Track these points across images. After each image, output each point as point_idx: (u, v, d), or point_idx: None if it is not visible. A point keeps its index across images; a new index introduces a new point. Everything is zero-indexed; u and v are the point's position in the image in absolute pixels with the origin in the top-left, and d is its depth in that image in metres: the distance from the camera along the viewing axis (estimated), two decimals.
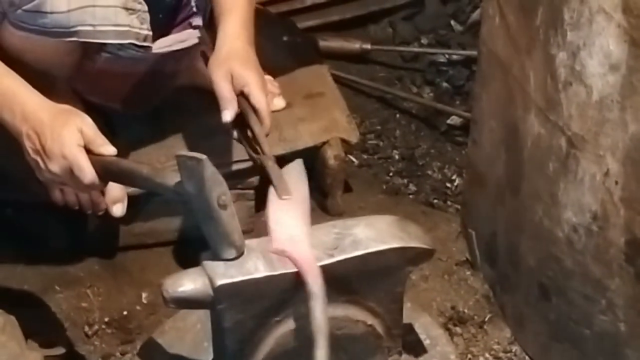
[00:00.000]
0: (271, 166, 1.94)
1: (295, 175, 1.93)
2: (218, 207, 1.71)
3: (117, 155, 1.89)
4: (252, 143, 2.05)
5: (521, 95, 2.11)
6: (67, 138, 1.88)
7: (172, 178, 1.75)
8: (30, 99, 1.95)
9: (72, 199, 2.27)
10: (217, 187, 1.70)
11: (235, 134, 2.13)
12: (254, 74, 2.11)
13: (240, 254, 1.76)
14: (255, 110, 2.08)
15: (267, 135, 2.07)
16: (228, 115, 2.08)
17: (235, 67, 2.11)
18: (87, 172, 1.86)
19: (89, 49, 2.15)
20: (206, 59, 2.22)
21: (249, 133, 2.07)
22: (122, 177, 1.89)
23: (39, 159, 1.92)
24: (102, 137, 1.91)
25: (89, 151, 1.88)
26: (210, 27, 2.30)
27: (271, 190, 1.89)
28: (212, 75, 2.12)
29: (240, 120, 2.09)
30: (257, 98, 2.09)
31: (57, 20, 2.02)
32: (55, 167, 1.89)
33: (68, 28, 2.03)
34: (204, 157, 1.68)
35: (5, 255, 2.39)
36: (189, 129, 2.45)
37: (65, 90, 2.23)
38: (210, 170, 1.69)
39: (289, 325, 1.82)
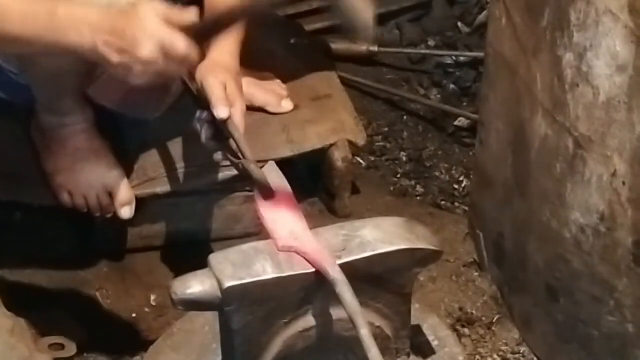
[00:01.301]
0: (253, 169, 1.92)
1: (275, 176, 1.92)
2: None
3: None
4: (231, 149, 2.02)
5: (528, 96, 2.11)
6: (146, 18, 1.79)
7: None
8: (91, 11, 1.85)
9: (80, 202, 2.27)
10: None
11: (212, 144, 2.09)
12: (240, 98, 2.06)
13: None
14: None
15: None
16: (224, 111, 1.99)
17: (229, 83, 2.05)
18: (181, 41, 1.78)
19: None
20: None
21: (231, 140, 2.04)
22: (216, 26, 1.84)
23: (126, 57, 1.81)
24: (175, 9, 1.83)
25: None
26: None
27: (257, 193, 1.88)
28: (208, 75, 2.05)
29: (217, 129, 2.05)
30: (238, 124, 2.02)
31: None
32: (145, 51, 1.79)
33: None
34: None
35: (14, 258, 2.39)
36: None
37: (76, 95, 2.22)
38: None
39: (297, 327, 1.82)
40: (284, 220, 1.83)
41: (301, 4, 3.21)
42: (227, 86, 2.05)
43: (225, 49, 2.14)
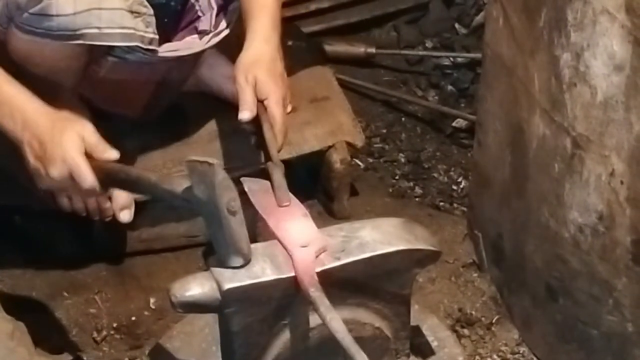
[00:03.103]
0: (276, 174, 1.94)
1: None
2: (227, 213, 1.70)
3: (123, 162, 1.89)
4: (266, 148, 2.05)
5: (526, 96, 2.11)
6: (67, 143, 1.88)
7: (179, 184, 1.74)
8: (30, 106, 1.95)
9: (79, 205, 2.27)
10: (227, 193, 1.69)
11: (252, 139, 2.13)
12: (276, 88, 2.11)
13: (246, 262, 1.75)
14: (270, 124, 2.09)
15: (279, 150, 2.07)
16: (247, 114, 2.07)
17: (260, 75, 2.10)
18: (87, 177, 1.87)
19: (95, 52, 2.15)
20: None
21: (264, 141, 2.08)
22: (128, 184, 1.89)
23: (39, 166, 1.92)
24: (104, 142, 1.91)
25: (90, 157, 1.89)
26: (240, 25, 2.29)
27: (262, 201, 1.89)
28: (238, 76, 2.12)
29: (257, 126, 2.09)
30: (274, 114, 2.08)
31: (63, 23, 2.02)
32: (55, 172, 1.89)
33: (74, 31, 2.03)
34: (215, 161, 1.67)
35: (14, 262, 2.39)
36: (194, 135, 2.46)
37: (71, 97, 2.23)
38: (221, 176, 1.68)
39: (296, 328, 1.82)
40: (295, 229, 1.83)
41: (298, 7, 3.21)
42: (258, 81, 2.08)
43: (258, 35, 2.16)
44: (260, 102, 2.10)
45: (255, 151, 2.15)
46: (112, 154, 1.90)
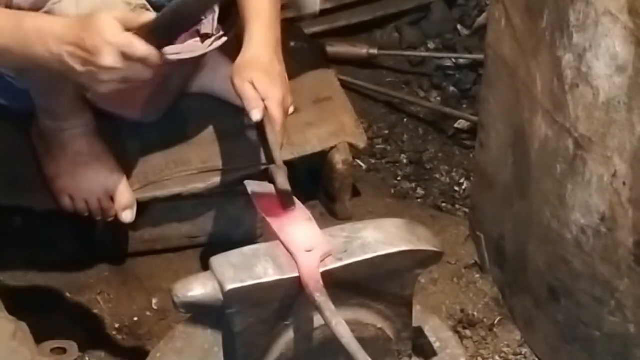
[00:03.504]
0: (280, 177, 1.93)
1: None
2: None
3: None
4: (269, 150, 2.05)
5: (528, 97, 2.11)
6: (105, 27, 1.81)
7: None
8: (55, 22, 1.88)
9: (81, 205, 2.27)
10: None
11: (254, 135, 2.12)
12: (274, 88, 2.09)
13: None
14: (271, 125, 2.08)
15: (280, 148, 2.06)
16: (258, 113, 2.04)
17: (256, 77, 2.09)
18: (140, 46, 1.80)
19: None
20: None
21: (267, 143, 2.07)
22: (175, 23, 1.84)
23: (90, 67, 1.84)
24: (131, 13, 1.85)
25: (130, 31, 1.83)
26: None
27: (266, 205, 1.89)
28: (234, 80, 2.10)
29: (259, 128, 2.08)
30: (273, 114, 2.06)
31: None
32: (107, 59, 1.81)
33: None
34: None
35: (16, 262, 2.39)
36: (196, 137, 2.46)
37: (75, 98, 2.23)
38: None
39: (299, 329, 1.82)
40: (299, 232, 1.83)
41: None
42: (255, 83, 2.06)
43: (254, 39, 2.15)
44: None
45: (257, 152, 2.14)
46: (147, 15, 1.84)
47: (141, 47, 1.80)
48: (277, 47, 2.17)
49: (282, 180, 1.91)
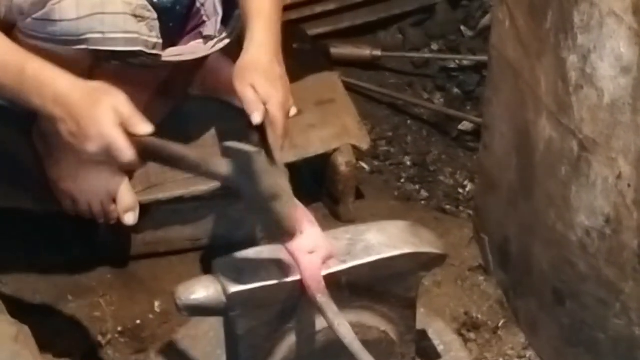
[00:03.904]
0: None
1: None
2: (269, 198, 1.72)
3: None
4: (270, 153, 2.04)
5: (532, 99, 2.10)
6: (103, 117, 1.83)
7: (221, 165, 1.74)
8: (59, 80, 1.89)
9: (84, 208, 2.27)
10: (267, 178, 1.71)
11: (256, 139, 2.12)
12: (275, 91, 2.07)
13: (292, 237, 1.77)
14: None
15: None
16: (258, 116, 2.03)
17: (257, 80, 2.07)
18: (126, 152, 1.81)
19: (99, 57, 2.15)
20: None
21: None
22: (167, 160, 1.85)
23: (75, 141, 1.86)
24: (138, 115, 1.86)
25: (126, 130, 1.83)
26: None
27: None
28: (235, 83, 2.10)
29: (261, 131, 2.08)
30: (275, 117, 2.05)
31: (66, 28, 2.02)
32: (92, 147, 1.84)
33: (77, 36, 2.03)
34: (253, 149, 1.69)
35: (18, 265, 2.39)
36: (199, 139, 2.46)
37: None
38: (260, 162, 1.70)
39: (302, 332, 1.82)
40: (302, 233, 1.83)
41: (303, 9, 3.21)
42: (256, 85, 2.06)
43: (254, 41, 2.13)
44: None
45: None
46: (147, 127, 1.84)
47: (126, 153, 1.82)
48: (278, 48, 2.16)
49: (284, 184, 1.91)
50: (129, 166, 1.91)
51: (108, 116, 1.82)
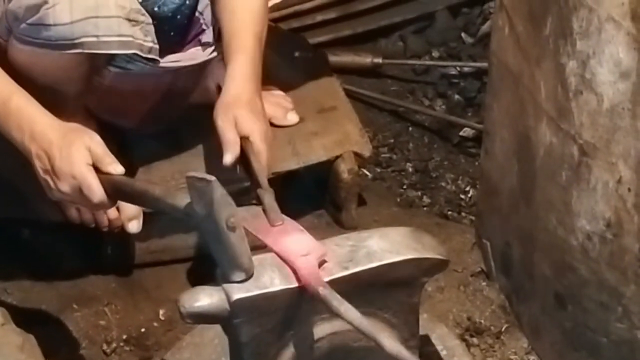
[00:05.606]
0: (267, 198, 1.94)
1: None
2: (227, 229, 1.70)
3: (130, 174, 1.90)
4: (254, 177, 2.06)
5: (532, 105, 2.11)
6: (76, 157, 1.89)
7: (182, 199, 1.74)
8: (38, 118, 1.96)
9: (88, 217, 2.28)
10: (226, 209, 1.69)
11: (238, 169, 2.14)
12: (258, 123, 2.12)
13: (249, 277, 1.75)
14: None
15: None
16: (229, 158, 2.09)
17: (240, 113, 2.11)
18: (96, 192, 1.89)
19: (97, 62, 2.16)
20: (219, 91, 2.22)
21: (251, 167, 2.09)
22: (133, 197, 1.90)
23: (48, 179, 1.94)
24: (111, 155, 1.93)
25: (97, 170, 1.90)
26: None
27: (256, 225, 1.89)
28: (217, 119, 2.12)
29: (244, 158, 2.10)
30: (259, 149, 2.09)
31: (60, 33, 2.03)
32: (64, 186, 1.91)
33: (72, 40, 2.04)
34: (213, 178, 1.67)
35: (23, 275, 2.40)
36: (201, 147, 2.46)
37: (76, 108, 2.24)
38: (219, 192, 1.68)
39: (306, 338, 1.82)
40: (293, 242, 1.83)
41: (304, 18, 3.22)
42: (239, 118, 2.09)
43: (237, 77, 2.17)
44: (243, 137, 2.11)
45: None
46: (118, 168, 1.91)
47: (97, 194, 1.89)
48: (258, 83, 2.20)
49: (270, 201, 1.92)
50: (100, 207, 1.95)
51: (81, 157, 1.90)
